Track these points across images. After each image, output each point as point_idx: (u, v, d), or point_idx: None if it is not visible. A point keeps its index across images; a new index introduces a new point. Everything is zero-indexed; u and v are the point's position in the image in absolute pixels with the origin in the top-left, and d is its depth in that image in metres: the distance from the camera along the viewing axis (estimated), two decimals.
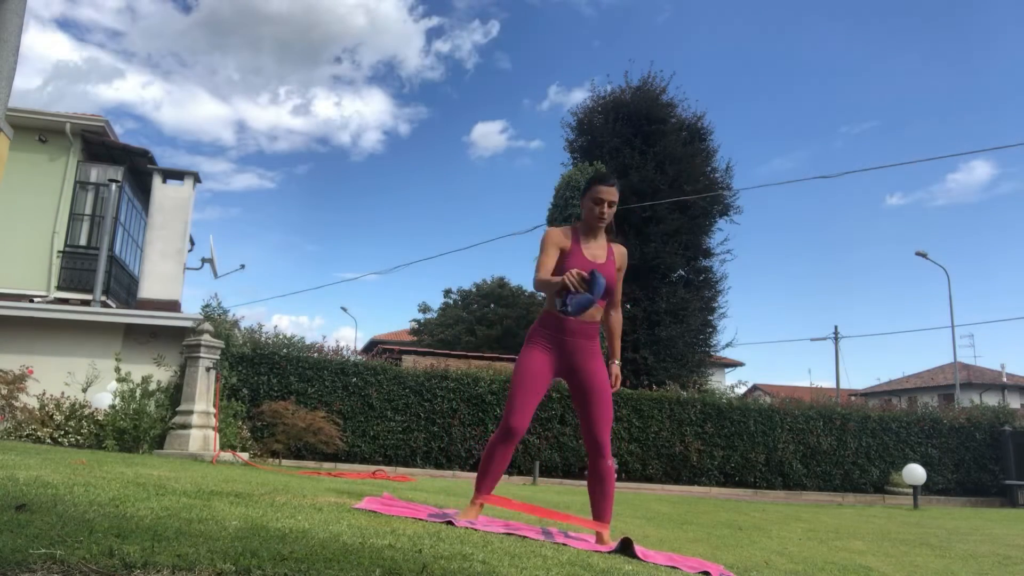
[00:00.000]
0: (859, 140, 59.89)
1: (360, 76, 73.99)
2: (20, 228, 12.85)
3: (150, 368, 9.34)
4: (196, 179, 14.42)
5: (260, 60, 76.48)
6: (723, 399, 13.56)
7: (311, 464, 10.57)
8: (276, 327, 21.10)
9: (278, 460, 10.13)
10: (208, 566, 1.53)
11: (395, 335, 32.93)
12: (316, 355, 11.90)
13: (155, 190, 14.04)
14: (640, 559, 2.81)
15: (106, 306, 12.66)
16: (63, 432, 8.26)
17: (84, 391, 9.03)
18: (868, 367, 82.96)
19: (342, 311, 60.17)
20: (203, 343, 8.74)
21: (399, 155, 69.02)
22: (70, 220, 13.26)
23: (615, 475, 3.38)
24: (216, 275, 16.83)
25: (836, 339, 34.86)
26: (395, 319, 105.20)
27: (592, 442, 3.23)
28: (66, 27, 63.47)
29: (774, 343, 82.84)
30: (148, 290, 13.58)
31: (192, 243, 16.00)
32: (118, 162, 13.83)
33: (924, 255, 25.53)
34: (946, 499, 13.36)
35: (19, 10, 4.73)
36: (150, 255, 13.92)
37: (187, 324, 10.17)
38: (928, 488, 12.62)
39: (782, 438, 13.18)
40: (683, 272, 18.12)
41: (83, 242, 13.29)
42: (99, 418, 8.46)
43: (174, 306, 13.30)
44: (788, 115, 64.46)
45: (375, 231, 71.68)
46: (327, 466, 10.52)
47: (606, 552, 2.87)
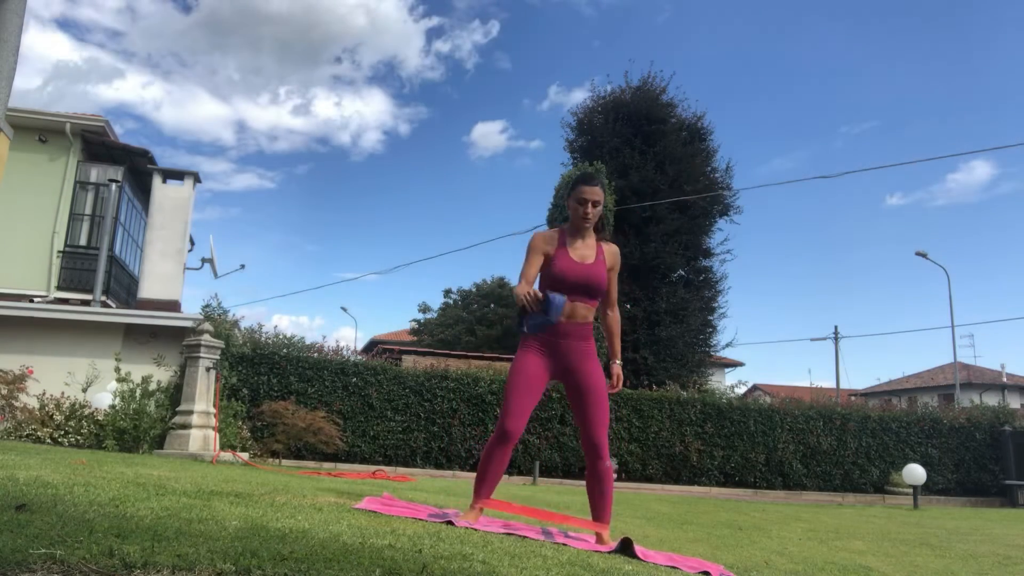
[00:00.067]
0: (859, 140, 59.95)
1: (360, 76, 74.03)
2: (20, 228, 12.85)
3: (150, 368, 9.34)
4: (196, 179, 14.41)
5: (260, 60, 76.51)
6: (723, 399, 13.56)
7: (311, 464, 10.57)
8: (276, 327, 21.13)
9: (278, 460, 10.13)
10: (208, 566, 1.53)
11: (395, 335, 32.93)
12: (316, 355, 11.90)
13: (155, 190, 14.04)
14: (640, 559, 2.81)
15: (106, 306, 12.66)
16: (63, 432, 8.25)
17: (84, 391, 9.03)
18: (868, 367, 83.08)
19: (342, 311, 60.24)
20: (203, 343, 8.74)
21: (399, 155, 69.07)
22: (70, 220, 13.26)
23: (613, 476, 3.37)
24: (216, 275, 16.84)
25: (836, 339, 34.89)
26: (395, 319, 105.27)
27: (589, 444, 3.22)
28: (66, 27, 63.53)
29: (774, 343, 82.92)
30: (148, 290, 13.57)
31: (192, 243, 16.02)
32: (118, 162, 13.83)
33: (924, 255, 25.54)
34: (946, 499, 13.36)
35: (19, 10, 4.74)
36: (150, 255, 13.92)
37: (187, 324, 10.17)
38: (928, 488, 12.62)
39: (782, 438, 13.18)
40: (683, 272, 18.11)
41: (83, 242, 13.29)
42: (99, 418, 8.46)
43: (174, 306, 13.30)
44: (788, 115, 64.53)
45: (375, 231, 71.75)
46: (327, 466, 10.52)
47: (606, 552, 2.87)
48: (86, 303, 12.41)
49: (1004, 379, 34.51)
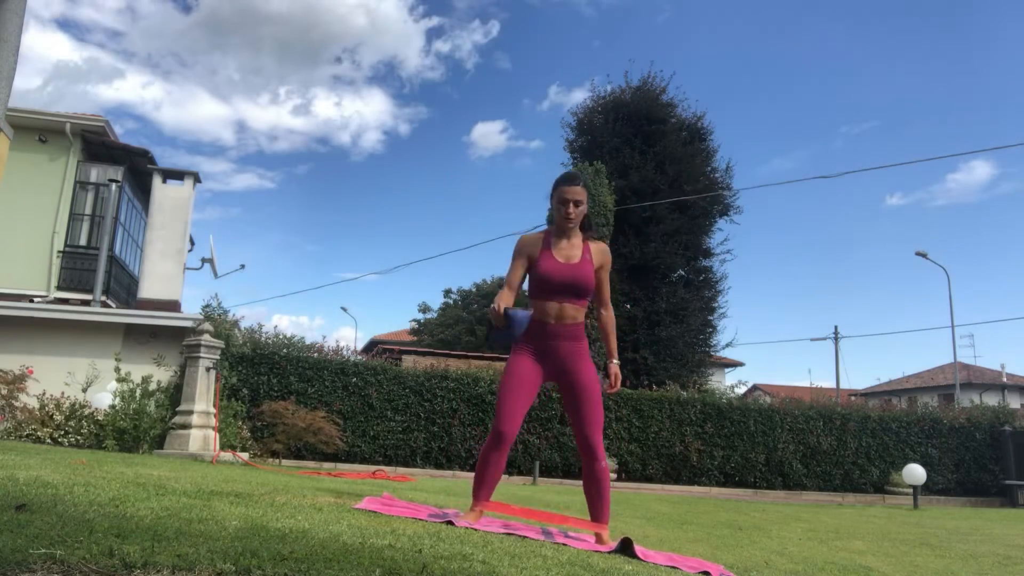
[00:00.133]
0: (859, 140, 59.97)
1: (360, 76, 74.03)
2: (20, 228, 12.85)
3: (150, 368, 9.33)
4: (196, 179, 14.41)
5: (260, 60, 76.52)
6: (723, 399, 13.56)
7: (311, 464, 10.57)
8: (276, 327, 21.13)
9: (278, 460, 10.13)
10: (208, 566, 1.52)
11: (395, 335, 32.94)
12: (316, 355, 11.90)
13: (155, 190, 14.04)
14: (640, 559, 2.80)
15: (106, 306, 12.66)
16: (63, 432, 8.25)
17: (84, 391, 9.02)
18: (868, 367, 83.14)
19: (342, 311, 60.29)
20: (203, 343, 8.74)
21: (399, 155, 69.08)
22: (70, 220, 13.26)
23: (610, 476, 3.36)
24: (216, 275, 16.84)
25: (836, 339, 34.89)
26: (395, 319, 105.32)
27: (584, 445, 3.20)
28: (66, 27, 63.53)
29: (774, 343, 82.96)
30: (148, 290, 13.57)
31: (192, 243, 16.02)
32: (118, 162, 13.83)
33: (924, 255, 25.54)
34: (946, 499, 13.36)
35: (19, 10, 4.74)
36: (150, 255, 13.91)
37: (187, 324, 10.17)
38: (928, 488, 12.62)
39: (782, 438, 13.18)
40: (683, 272, 18.11)
41: (83, 242, 13.29)
42: (99, 418, 8.46)
43: (174, 306, 13.30)
44: (788, 115, 64.54)
45: (375, 231, 71.78)
46: (327, 466, 10.52)
47: (606, 552, 2.87)
48: (86, 303, 12.41)
49: (1004, 379, 34.51)
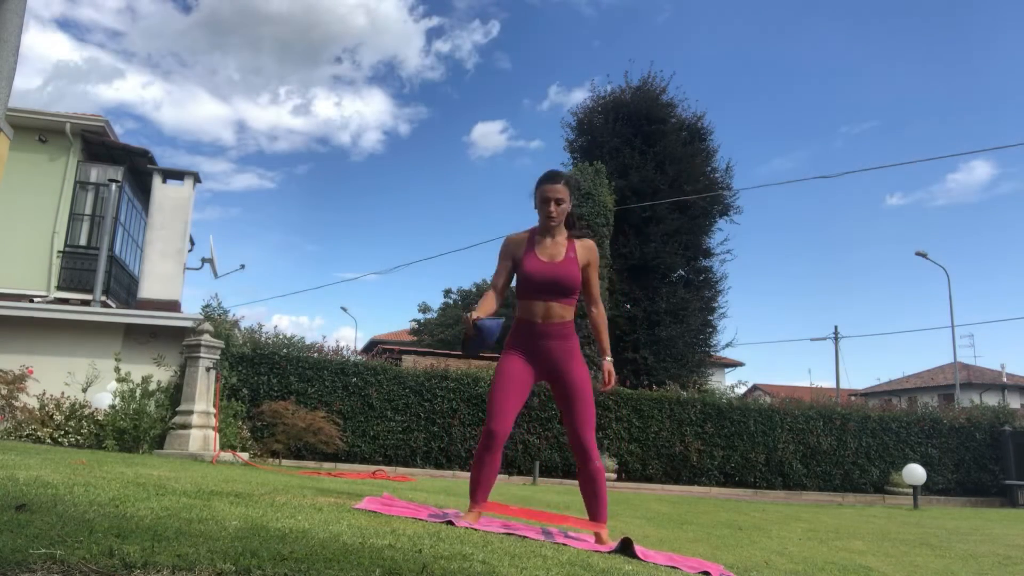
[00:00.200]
0: (859, 140, 59.97)
1: (360, 76, 74.03)
2: (20, 228, 12.85)
3: (150, 368, 9.33)
4: (196, 179, 14.42)
5: (260, 60, 76.52)
6: (723, 399, 13.56)
7: (311, 464, 10.57)
8: (276, 327, 21.13)
9: (278, 460, 10.13)
10: (208, 566, 1.52)
11: (395, 335, 32.94)
12: (316, 355, 11.90)
13: (155, 190, 14.04)
14: (640, 559, 2.80)
15: (106, 306, 12.66)
16: (63, 432, 8.25)
17: (84, 391, 9.02)
18: (868, 367, 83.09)
19: (342, 311, 60.27)
20: (203, 343, 8.74)
21: (399, 155, 69.09)
22: (70, 220, 13.26)
23: (606, 474, 3.35)
24: (216, 275, 16.84)
25: (836, 339, 34.88)
26: (395, 319, 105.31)
27: (577, 444, 3.19)
28: (66, 27, 63.53)
29: (774, 343, 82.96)
30: (148, 290, 13.58)
31: (192, 243, 16.02)
32: (118, 162, 13.83)
33: (924, 255, 25.54)
34: (946, 499, 13.36)
35: (19, 10, 4.74)
36: (150, 255, 13.92)
37: (187, 324, 10.17)
38: (928, 488, 12.62)
39: (782, 438, 13.18)
40: (683, 272, 18.13)
41: (83, 242, 13.29)
42: (99, 418, 8.46)
43: (174, 306, 13.30)
44: (788, 115, 64.54)
45: (375, 231, 71.78)
46: (327, 466, 10.52)
47: (606, 552, 2.87)
48: (86, 303, 12.41)
49: (1004, 379, 34.51)
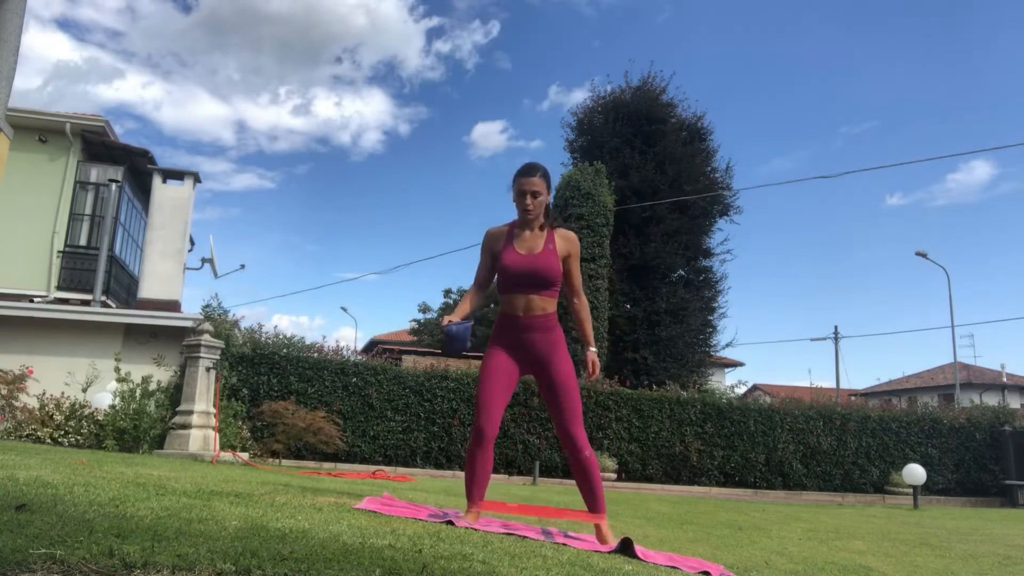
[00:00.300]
0: (859, 140, 59.99)
1: (360, 76, 74.04)
2: (20, 228, 12.85)
3: (150, 368, 9.33)
4: (196, 179, 14.42)
5: (260, 60, 76.53)
6: (723, 399, 13.56)
7: (311, 464, 10.57)
8: (276, 327, 21.13)
9: (278, 460, 10.13)
10: (208, 566, 1.52)
11: (395, 335, 32.93)
12: (316, 355, 11.89)
13: (155, 190, 14.04)
14: (640, 559, 2.80)
15: (106, 306, 12.66)
16: (63, 432, 8.25)
17: (84, 391, 9.02)
18: (868, 367, 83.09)
19: (342, 311, 60.31)
20: (203, 343, 8.74)
21: (399, 155, 69.10)
22: (70, 220, 13.26)
23: (598, 464, 3.32)
24: (216, 275, 16.85)
25: (836, 339, 34.89)
26: (395, 319, 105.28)
27: (565, 436, 3.18)
28: (66, 27, 63.53)
29: (774, 343, 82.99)
30: (148, 290, 13.58)
31: (192, 243, 16.02)
32: (118, 162, 13.83)
33: (924, 255, 25.54)
34: (946, 499, 13.36)
35: (19, 10, 4.74)
36: (150, 255, 13.92)
37: (187, 324, 10.17)
38: (928, 488, 12.62)
39: (782, 438, 13.18)
40: (683, 272, 18.12)
41: (83, 242, 13.29)
42: (99, 418, 8.46)
43: (174, 306, 13.30)
44: (788, 115, 64.56)
45: (375, 231, 71.80)
46: (327, 466, 10.52)
47: (606, 552, 2.87)
48: (86, 303, 12.41)
49: (1004, 379, 34.51)
